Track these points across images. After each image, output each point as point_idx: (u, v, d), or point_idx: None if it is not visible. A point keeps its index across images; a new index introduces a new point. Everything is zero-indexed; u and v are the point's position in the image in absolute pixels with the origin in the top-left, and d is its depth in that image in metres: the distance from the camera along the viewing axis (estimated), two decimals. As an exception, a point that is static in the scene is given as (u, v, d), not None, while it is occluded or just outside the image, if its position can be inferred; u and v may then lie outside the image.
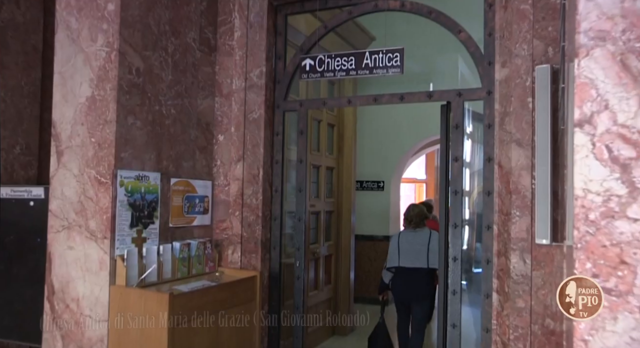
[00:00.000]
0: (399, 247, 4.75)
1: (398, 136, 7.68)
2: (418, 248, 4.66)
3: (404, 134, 7.67)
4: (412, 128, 7.64)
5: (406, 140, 7.71)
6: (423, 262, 4.61)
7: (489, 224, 3.42)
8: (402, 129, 7.65)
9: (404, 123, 7.64)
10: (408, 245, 4.72)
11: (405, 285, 4.69)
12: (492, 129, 3.44)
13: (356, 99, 3.81)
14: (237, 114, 4.02)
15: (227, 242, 4.02)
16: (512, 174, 3.20)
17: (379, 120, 7.66)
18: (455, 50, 4.38)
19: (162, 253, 3.40)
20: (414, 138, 7.74)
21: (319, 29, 3.90)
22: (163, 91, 3.50)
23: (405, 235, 4.85)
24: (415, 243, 4.70)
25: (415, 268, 4.63)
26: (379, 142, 7.68)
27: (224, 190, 4.05)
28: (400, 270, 4.71)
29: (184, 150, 3.73)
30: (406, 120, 7.61)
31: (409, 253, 4.68)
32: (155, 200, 3.44)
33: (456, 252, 3.53)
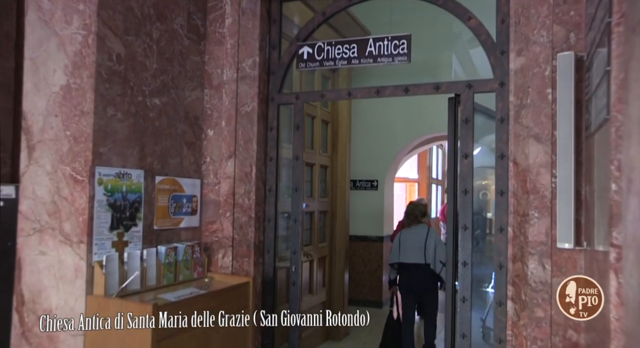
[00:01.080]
0: (400, 244, 4.85)
1: (392, 134, 7.37)
2: (416, 244, 4.76)
3: (398, 132, 7.36)
4: (406, 126, 7.33)
5: (400, 139, 7.39)
6: (421, 258, 4.69)
7: (502, 226, 3.12)
8: (396, 127, 7.34)
9: (398, 121, 7.33)
10: (408, 242, 4.83)
11: (409, 280, 4.80)
12: (505, 123, 3.14)
13: (357, 91, 3.50)
14: (228, 107, 3.68)
15: (217, 245, 3.67)
16: (530, 171, 2.89)
17: (372, 118, 7.35)
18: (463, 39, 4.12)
19: (145, 259, 3.05)
20: (408, 136, 7.43)
21: (317, 16, 3.57)
22: (147, 81, 3.15)
23: (405, 232, 4.93)
24: (414, 239, 4.80)
25: (415, 263, 4.72)
26: (373, 141, 7.36)
27: (213, 189, 3.70)
28: (402, 266, 4.83)
29: (170, 146, 3.38)
30: (400, 118, 7.31)
31: (408, 250, 4.78)
32: (138, 200, 3.08)
33: (466, 256, 3.22)
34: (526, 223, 2.91)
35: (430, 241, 4.70)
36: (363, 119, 7.16)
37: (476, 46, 8.19)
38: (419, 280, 4.74)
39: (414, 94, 3.39)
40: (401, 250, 4.81)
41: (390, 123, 7.35)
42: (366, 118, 7.27)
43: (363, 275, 7.38)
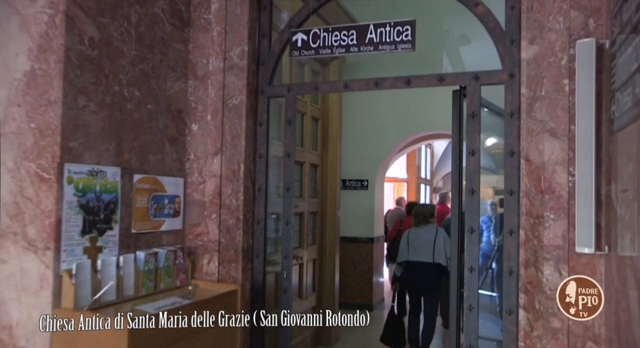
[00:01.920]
0: (408, 243, 5.04)
1: (382, 133, 7.11)
2: (425, 243, 4.94)
3: (389, 130, 7.10)
4: (397, 124, 7.08)
5: (391, 137, 7.14)
6: (429, 257, 4.89)
7: (512, 228, 2.86)
8: (387, 125, 7.09)
9: (389, 119, 7.08)
10: (416, 241, 5.01)
11: (416, 277, 5.02)
12: (515, 117, 2.88)
13: (354, 83, 3.21)
14: (215, 100, 3.36)
15: (202, 249, 3.36)
16: (545, 169, 2.63)
17: (362, 115, 7.08)
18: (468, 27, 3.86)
19: (122, 266, 2.72)
20: (399, 135, 7.18)
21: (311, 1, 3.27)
22: (124, 69, 2.82)
23: (414, 232, 5.12)
24: (423, 239, 4.99)
25: (423, 262, 4.91)
26: (363, 139, 7.09)
27: (198, 188, 3.39)
28: (410, 264, 5.02)
29: (151, 141, 3.05)
30: (391, 116, 7.06)
31: (417, 249, 4.96)
32: (114, 200, 2.75)
33: (472, 261, 2.96)
34: (540, 225, 2.65)
35: (440, 240, 4.92)
36: (353, 116, 6.89)
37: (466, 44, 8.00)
38: (425, 278, 4.96)
39: (416, 85, 3.12)
40: (410, 248, 5.00)
41: (380, 121, 7.10)
42: (356, 116, 7.00)
43: (353, 278, 7.10)
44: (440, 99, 6.73)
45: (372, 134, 7.10)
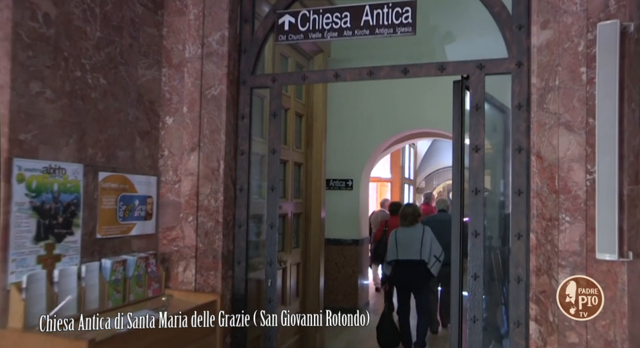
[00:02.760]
0: (397, 242, 5.12)
1: (368, 131, 6.81)
2: (413, 242, 5.06)
3: (375, 128, 6.81)
4: (383, 122, 6.79)
5: (377, 135, 6.85)
6: (417, 255, 5.01)
7: (520, 232, 2.59)
8: (373, 123, 6.79)
9: (375, 117, 6.79)
10: (404, 241, 5.10)
11: (405, 275, 5.10)
12: (523, 110, 2.61)
13: (346, 73, 2.91)
14: (191, 90, 3.02)
15: (178, 256, 3.01)
16: (560, 167, 2.37)
17: (348, 112, 6.78)
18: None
19: (84, 277, 2.37)
20: (385, 133, 6.89)
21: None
22: (87, 52, 2.46)
23: (402, 231, 5.20)
24: (411, 238, 5.09)
25: (411, 260, 5.01)
26: (348, 137, 6.79)
27: (173, 188, 3.04)
28: (398, 262, 5.09)
29: (119, 135, 2.70)
30: (378, 113, 6.77)
31: (406, 247, 5.06)
32: (75, 202, 2.40)
33: (477, 267, 2.68)
34: (554, 228, 2.38)
35: (427, 239, 5.07)
36: (338, 113, 6.58)
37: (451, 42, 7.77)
38: (414, 276, 5.06)
39: (415, 75, 2.83)
40: (399, 248, 5.10)
41: (366, 118, 6.81)
42: (341, 113, 6.70)
43: (337, 281, 6.79)
44: (429, 96, 6.50)
45: (357, 131, 6.80)
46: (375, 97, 6.73)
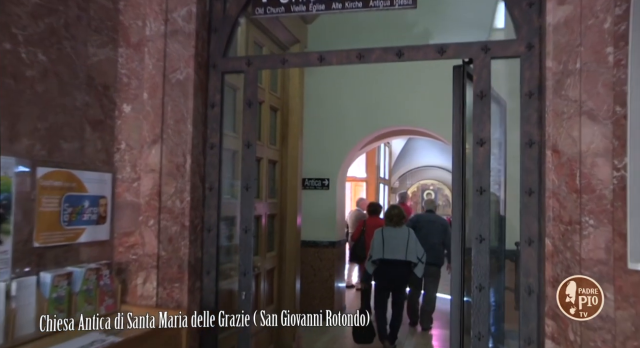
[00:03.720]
0: (384, 242, 5.23)
1: (345, 128, 6.45)
2: (399, 243, 5.20)
3: (352, 125, 6.44)
4: (361, 119, 6.42)
5: (354, 133, 6.48)
6: (402, 255, 5.17)
7: (531, 237, 2.25)
8: (351, 120, 6.43)
9: (353, 113, 6.43)
10: (392, 240, 5.23)
11: (388, 274, 5.23)
12: (534, 98, 2.27)
13: (332, 56, 2.52)
14: (153, 74, 2.58)
15: (136, 266, 2.57)
16: (582, 162, 2.03)
17: (324, 108, 6.40)
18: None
19: (15, 295, 1.91)
20: (363, 130, 6.53)
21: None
22: (21, 21, 2.00)
23: (388, 231, 5.31)
24: (397, 238, 5.23)
25: (397, 260, 5.16)
26: (325, 134, 6.41)
27: (131, 187, 2.60)
28: (383, 261, 5.20)
29: (65, 124, 2.24)
30: (355, 109, 6.40)
31: (392, 247, 5.19)
32: (4, 203, 1.93)
33: (482, 277, 2.32)
34: (575, 233, 2.04)
35: (412, 239, 5.23)
36: (314, 108, 6.18)
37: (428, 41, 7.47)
38: (397, 275, 5.23)
39: (410, 59, 2.46)
40: (385, 247, 5.20)
41: (343, 115, 6.44)
42: (317, 108, 6.31)
43: (313, 285, 6.40)
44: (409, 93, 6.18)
45: (334, 128, 6.43)
46: (354, 93, 6.38)
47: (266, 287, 4.51)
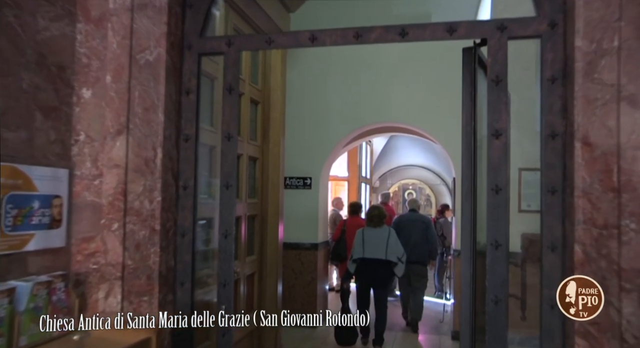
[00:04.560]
0: (364, 241, 5.27)
1: (329, 124, 6.10)
2: (379, 242, 5.25)
3: (335, 121, 6.10)
4: (345, 115, 6.09)
5: (338, 130, 6.14)
6: (382, 254, 5.21)
7: (554, 242, 1.95)
8: (334, 116, 6.09)
9: (336, 108, 6.09)
10: (372, 240, 5.27)
11: (369, 273, 5.25)
12: (557, 83, 1.97)
13: (325, 35, 2.18)
14: (118, 53, 2.20)
15: (98, 277, 2.18)
16: (621, 156, 1.74)
17: (306, 103, 6.05)
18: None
19: (-63, 320, 1.51)
20: (347, 127, 6.19)
21: None
22: (-51, -22, 1.61)
23: (368, 231, 5.36)
24: (377, 238, 5.28)
25: (377, 259, 5.21)
26: (307, 130, 6.06)
27: (92, 185, 2.21)
28: (363, 260, 5.24)
29: (7, 109, 1.85)
30: (339, 105, 6.07)
31: (372, 247, 5.23)
32: None
33: (497, 288, 2.01)
34: (611, 239, 1.75)
35: (392, 239, 5.27)
36: (296, 104, 5.83)
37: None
38: (378, 274, 5.25)
39: (415, 39, 2.13)
40: (365, 246, 5.24)
41: (326, 111, 6.10)
42: (299, 103, 5.97)
43: (294, 289, 6.05)
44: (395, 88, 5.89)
45: (317, 124, 6.08)
46: (337, 88, 6.05)
47: (246, 294, 4.14)
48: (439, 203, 11.54)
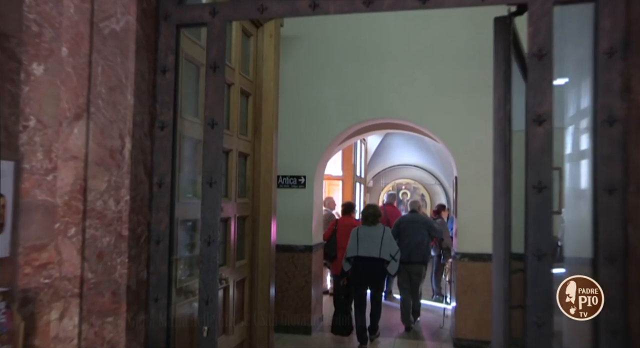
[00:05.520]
0: (358, 240, 5.25)
1: (324, 119, 5.70)
2: (373, 241, 5.23)
3: (332, 116, 5.69)
4: (341, 111, 5.68)
5: (334, 125, 5.73)
6: (376, 253, 5.19)
7: (613, 253, 1.56)
8: (330, 110, 5.68)
9: (332, 104, 5.68)
10: (366, 238, 5.25)
11: (363, 271, 5.25)
12: (617, 57, 1.58)
13: (329, 3, 1.78)
14: (76, 20, 1.77)
15: (50, 293, 1.75)
16: None
17: (301, 98, 5.64)
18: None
19: None
20: (342, 123, 5.77)
21: None
22: None
23: (363, 230, 5.33)
24: (372, 236, 5.26)
25: (371, 257, 5.19)
26: (301, 126, 5.65)
27: (43, 181, 1.78)
28: (358, 258, 5.22)
29: None
30: (335, 100, 5.66)
31: (366, 245, 5.21)
32: None
33: (539, 309, 1.62)
34: (695, 249, 1.36)
35: (386, 237, 5.27)
36: (289, 98, 5.41)
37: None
38: (372, 272, 5.24)
39: (439, 5, 1.73)
40: (360, 245, 5.22)
41: (321, 106, 5.69)
42: (293, 98, 5.55)
43: (287, 294, 5.64)
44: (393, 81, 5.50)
45: (311, 120, 5.68)
46: (333, 83, 5.65)
47: (235, 302, 3.73)
48: (434, 203, 11.20)
